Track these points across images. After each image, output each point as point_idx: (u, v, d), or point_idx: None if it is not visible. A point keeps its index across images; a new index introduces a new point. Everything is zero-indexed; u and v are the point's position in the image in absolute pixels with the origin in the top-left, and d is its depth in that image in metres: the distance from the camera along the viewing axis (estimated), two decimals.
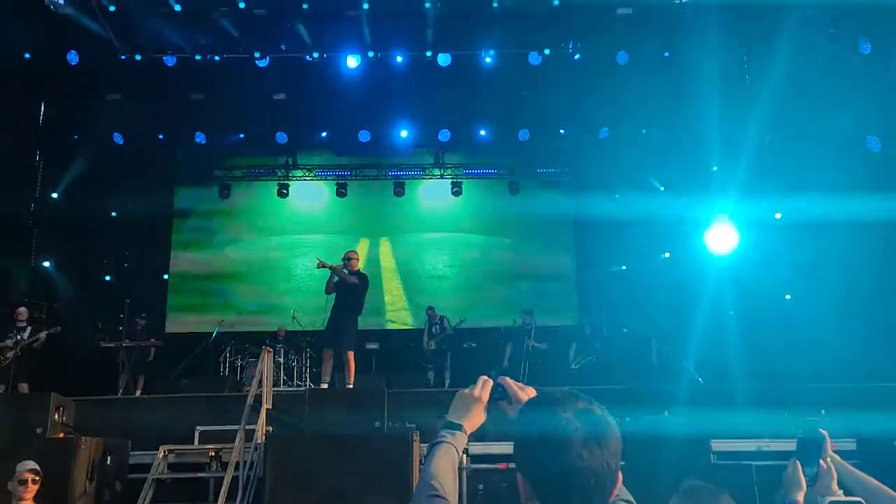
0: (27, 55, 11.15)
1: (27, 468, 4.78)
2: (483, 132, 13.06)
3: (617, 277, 12.96)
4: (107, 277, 13.05)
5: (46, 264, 12.08)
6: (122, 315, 10.48)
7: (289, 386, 10.93)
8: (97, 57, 11.40)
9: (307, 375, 11.25)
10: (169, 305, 13.55)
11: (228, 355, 11.51)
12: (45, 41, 11.08)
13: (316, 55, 11.67)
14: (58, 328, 9.04)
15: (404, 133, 13.02)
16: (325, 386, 7.94)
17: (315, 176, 14.35)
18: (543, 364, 10.71)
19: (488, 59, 11.73)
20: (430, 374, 11.34)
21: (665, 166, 12.19)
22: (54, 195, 12.34)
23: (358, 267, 8.30)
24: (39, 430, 5.79)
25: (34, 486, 4.78)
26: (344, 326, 8.12)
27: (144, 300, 11.82)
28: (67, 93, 11.85)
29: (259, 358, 7.22)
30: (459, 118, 12.78)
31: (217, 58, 11.58)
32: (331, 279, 8.19)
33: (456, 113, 12.65)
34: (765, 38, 10.21)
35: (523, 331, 11.00)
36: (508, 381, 1.68)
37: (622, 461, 1.31)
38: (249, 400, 6.79)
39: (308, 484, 5.81)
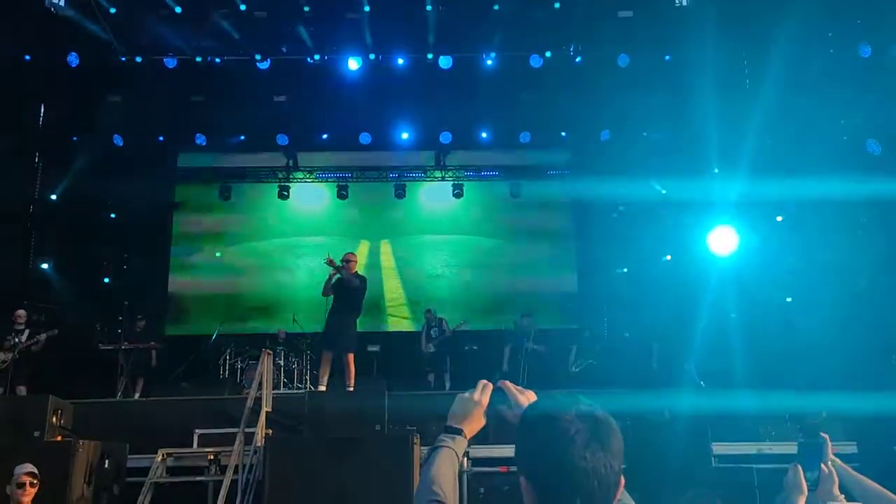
0: (27, 57, 11.17)
1: (25, 471, 4.75)
2: (484, 134, 13.06)
3: (618, 280, 12.94)
4: (106, 280, 13.01)
5: (45, 266, 12.06)
6: (122, 317, 10.45)
7: (289, 388, 10.90)
8: (97, 58, 11.42)
9: (307, 378, 11.22)
10: (168, 308, 13.53)
11: (228, 358, 11.48)
12: (46, 43, 11.10)
13: (317, 57, 11.69)
14: (55, 331, 9.00)
15: (405, 135, 13.01)
16: (323, 388, 7.92)
17: (316, 178, 14.34)
18: (543, 367, 10.68)
19: (489, 62, 11.74)
20: (431, 377, 11.32)
21: (666, 169, 12.17)
22: (53, 197, 12.33)
23: (356, 269, 8.29)
24: (37, 434, 5.75)
25: (32, 490, 4.76)
26: (344, 329, 8.10)
27: (144, 302, 11.80)
28: (67, 94, 11.85)
29: (259, 360, 7.20)
30: (460, 120, 12.77)
31: (218, 60, 11.60)
32: (328, 281, 8.17)
33: (457, 115, 12.63)
34: (765, 42, 10.20)
35: (522, 333, 10.98)
36: (508, 385, 1.66)
37: (623, 464, 1.31)
38: (249, 403, 6.78)
39: (308, 487, 5.79)
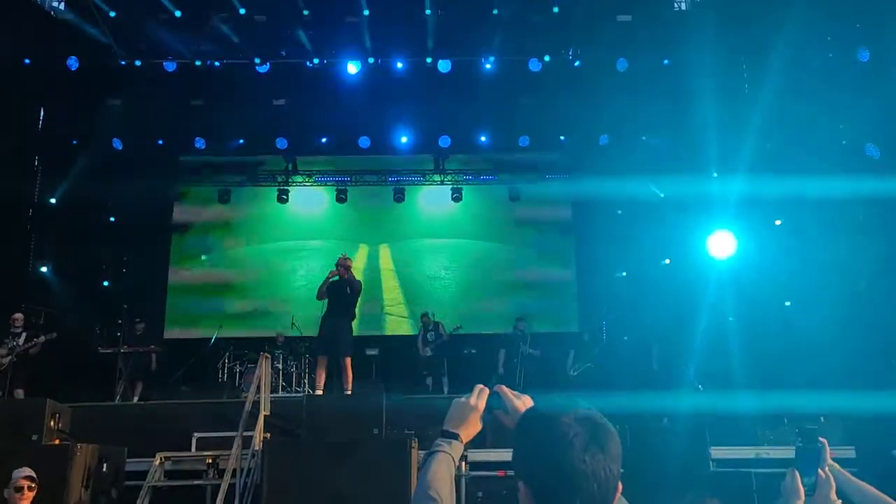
0: (27, 60, 11.18)
1: (23, 475, 4.75)
2: (483, 138, 13.06)
3: (617, 283, 12.94)
4: (105, 283, 13.00)
5: (45, 269, 12.06)
6: (121, 321, 10.44)
7: (287, 392, 10.89)
8: (97, 62, 11.44)
9: (306, 381, 11.21)
10: (167, 311, 13.50)
11: (227, 361, 11.47)
12: (46, 46, 11.11)
13: (316, 61, 11.71)
14: (54, 334, 8.99)
15: (404, 139, 13.02)
16: (321, 392, 7.92)
17: (315, 181, 14.34)
18: (541, 371, 10.68)
19: (488, 66, 11.76)
20: (429, 381, 11.31)
21: (665, 172, 12.19)
22: (53, 200, 12.32)
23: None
24: (35, 437, 5.75)
25: (30, 494, 4.75)
26: (341, 332, 8.10)
27: (143, 306, 11.80)
28: (67, 98, 11.85)
29: (257, 364, 7.20)
30: (460, 124, 12.77)
31: (217, 63, 11.62)
32: (324, 284, 8.16)
33: (456, 119, 12.64)
34: (763, 46, 10.23)
35: (518, 337, 10.97)
36: (505, 390, 1.66)
37: (622, 469, 1.31)
38: (247, 406, 6.77)
39: (306, 491, 5.78)
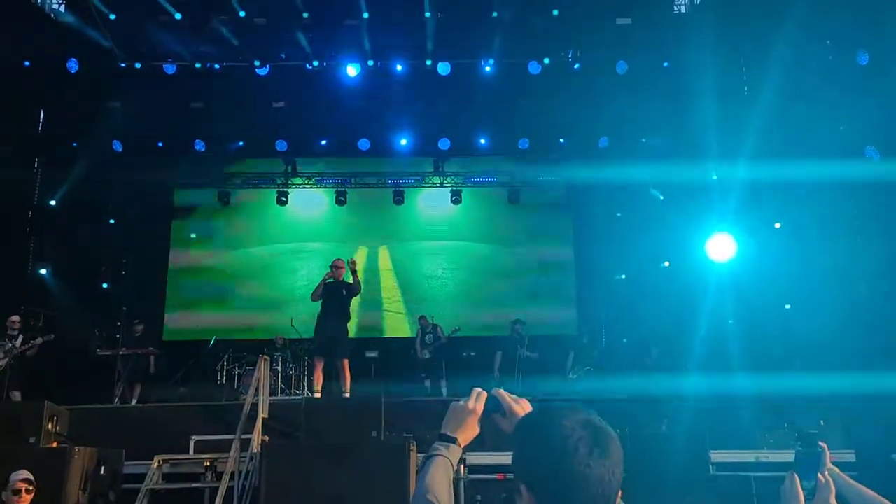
0: (27, 62, 11.18)
1: (20, 478, 4.73)
2: (483, 140, 13.06)
3: (616, 286, 12.93)
4: (104, 285, 13.00)
5: (44, 271, 12.05)
6: (119, 323, 10.42)
7: (286, 394, 10.87)
8: (97, 64, 11.45)
9: (305, 384, 11.20)
10: (166, 313, 13.51)
11: (226, 363, 11.45)
12: (46, 48, 11.12)
13: (316, 63, 11.72)
14: (51, 336, 8.97)
15: (404, 141, 13.02)
16: (319, 395, 7.91)
17: (314, 183, 14.34)
18: (540, 373, 10.65)
19: (488, 68, 11.76)
20: (427, 383, 11.29)
21: (664, 175, 12.19)
22: (52, 202, 12.33)
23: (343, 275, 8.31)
24: (33, 440, 5.74)
25: (28, 496, 4.74)
26: (338, 335, 8.11)
27: (142, 308, 11.78)
28: (67, 100, 11.87)
29: (256, 366, 7.19)
30: (459, 126, 12.78)
31: (217, 66, 11.63)
32: (319, 286, 8.15)
33: (455, 121, 12.65)
34: (763, 48, 10.24)
35: (515, 340, 10.95)
36: (503, 394, 1.65)
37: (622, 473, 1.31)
38: (246, 409, 6.76)
39: (304, 494, 5.76)
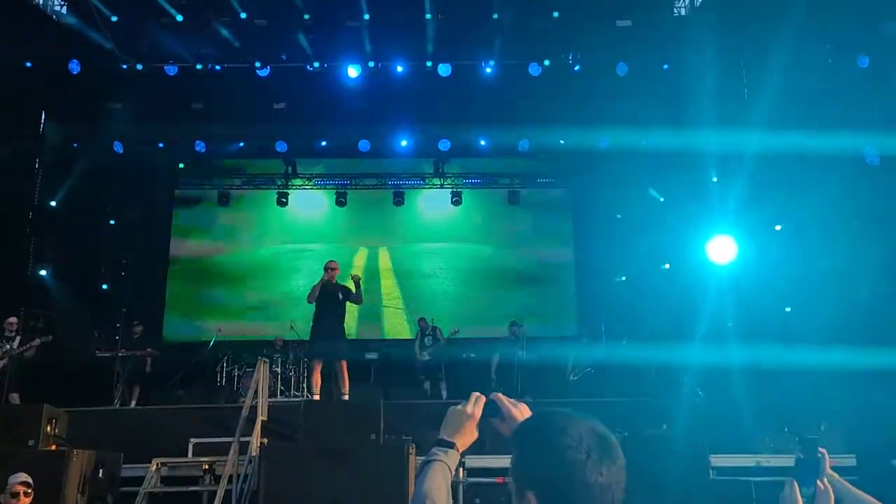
0: (29, 63, 11.19)
1: (19, 480, 4.73)
2: (483, 142, 13.06)
3: (617, 288, 12.91)
4: (104, 286, 13.00)
5: (44, 272, 12.04)
6: (119, 324, 10.42)
7: (286, 396, 10.86)
8: (98, 66, 11.44)
9: (304, 386, 11.19)
10: (166, 314, 13.50)
11: (225, 365, 11.44)
12: (47, 50, 11.12)
13: (316, 65, 11.72)
14: (49, 337, 8.96)
15: (404, 142, 13.03)
16: (317, 397, 7.91)
17: (314, 185, 14.35)
18: (540, 376, 10.61)
19: (488, 70, 11.76)
20: (426, 385, 11.27)
21: (664, 177, 12.18)
22: (53, 203, 12.33)
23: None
24: (31, 442, 5.73)
25: (26, 499, 4.73)
26: (335, 337, 8.13)
27: (141, 309, 11.78)
28: (68, 101, 11.86)
29: (255, 368, 7.18)
30: (459, 128, 12.78)
31: (218, 67, 11.63)
32: (316, 288, 8.16)
33: (456, 123, 12.64)
34: (763, 51, 10.23)
35: (513, 342, 10.91)
36: (501, 398, 1.64)
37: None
38: (244, 411, 6.75)
39: (302, 497, 5.75)
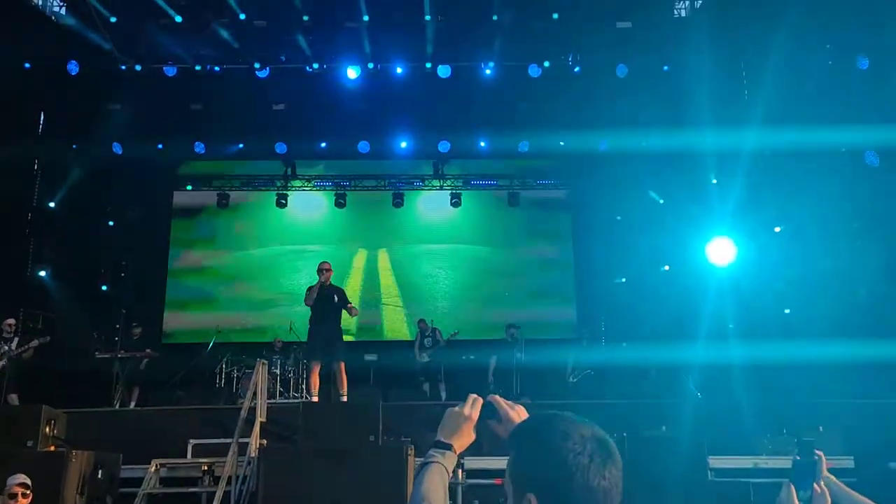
0: (27, 64, 11.19)
1: (17, 482, 4.72)
2: (482, 143, 13.06)
3: (616, 290, 12.90)
4: (103, 287, 12.99)
5: (43, 273, 12.04)
6: (118, 325, 10.41)
7: (285, 398, 10.85)
8: (98, 67, 11.45)
9: (303, 387, 11.18)
10: (165, 315, 13.50)
11: (224, 366, 11.43)
12: (46, 50, 11.13)
13: (316, 66, 11.72)
14: (47, 338, 8.96)
15: (404, 144, 13.02)
16: (316, 399, 7.92)
17: (314, 186, 14.35)
18: (538, 378, 10.59)
19: (488, 71, 11.76)
20: (426, 387, 11.26)
21: (664, 179, 12.18)
22: (52, 204, 12.33)
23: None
24: (30, 443, 5.72)
25: (24, 500, 4.72)
26: (332, 338, 8.15)
27: (141, 310, 11.77)
28: (67, 102, 11.87)
29: (254, 369, 7.18)
30: (459, 129, 12.77)
31: (217, 68, 11.64)
32: (312, 291, 8.17)
33: (455, 124, 12.64)
34: (763, 52, 10.24)
35: (511, 344, 10.91)
36: (499, 400, 1.63)
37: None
38: (243, 413, 6.75)
39: (302, 498, 5.75)
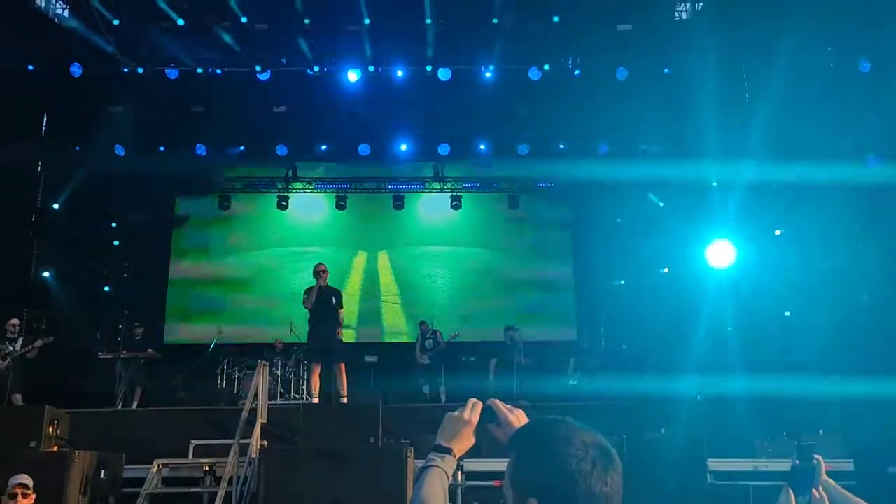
0: (30, 67, 11.23)
1: (16, 482, 4.74)
2: (483, 146, 13.05)
3: (616, 292, 12.92)
4: (106, 288, 13.03)
5: (46, 274, 12.08)
6: (121, 326, 10.45)
7: (286, 399, 10.88)
8: (100, 69, 11.47)
9: (304, 388, 11.20)
10: (167, 316, 13.53)
11: (226, 367, 11.46)
12: (49, 53, 11.17)
13: (317, 69, 11.74)
14: (51, 338, 9.00)
15: (404, 146, 13.02)
16: (317, 400, 7.96)
17: (315, 188, 14.39)
18: (538, 380, 10.61)
19: (488, 74, 11.78)
20: (426, 388, 11.28)
21: (664, 182, 12.20)
22: (55, 206, 12.37)
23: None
24: (33, 444, 5.75)
25: (24, 501, 4.73)
26: (332, 339, 8.23)
27: (143, 311, 11.80)
28: (70, 104, 11.91)
29: (255, 371, 7.21)
30: (459, 132, 12.78)
31: (219, 71, 11.66)
32: (311, 294, 8.23)
33: (456, 127, 12.66)
34: (764, 55, 10.26)
35: (510, 346, 10.93)
36: (498, 404, 1.65)
37: None
38: (244, 414, 6.77)
39: (302, 499, 5.77)
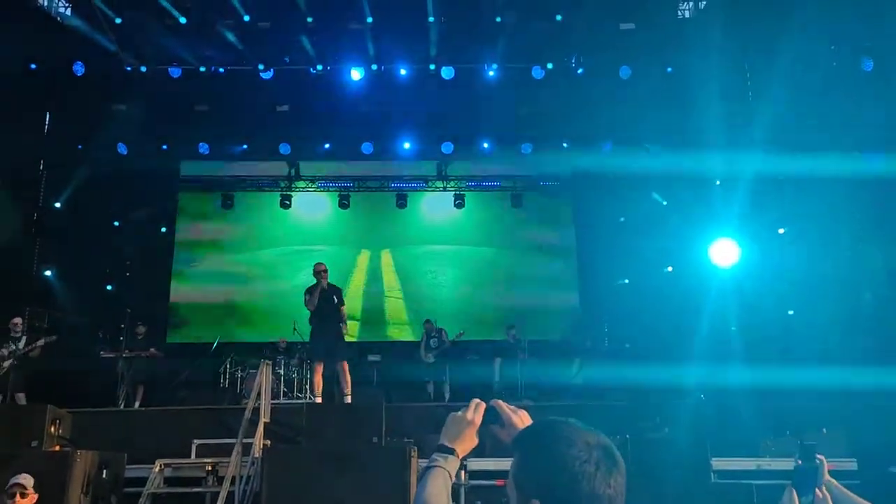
0: (33, 65, 11.25)
1: (15, 482, 4.73)
2: (486, 145, 13.07)
3: (619, 291, 12.90)
4: (108, 287, 13.05)
5: (49, 273, 12.09)
6: (123, 325, 10.45)
7: (289, 398, 10.87)
8: (103, 68, 11.49)
9: (307, 387, 11.20)
10: (170, 315, 13.54)
11: (229, 367, 11.46)
12: (52, 52, 11.18)
13: (320, 67, 11.74)
14: (54, 337, 9.03)
15: (407, 145, 13.03)
16: (320, 400, 7.96)
17: (318, 187, 14.38)
18: (542, 379, 10.60)
19: (491, 73, 11.78)
20: (430, 388, 11.27)
21: (668, 180, 12.18)
22: (57, 204, 12.38)
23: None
24: (35, 443, 5.74)
25: (23, 500, 4.72)
26: (334, 339, 8.23)
27: (145, 310, 11.80)
28: (73, 103, 11.92)
29: (258, 370, 7.20)
30: (462, 131, 12.80)
31: (222, 69, 11.67)
32: (314, 294, 8.23)
33: (459, 125, 12.67)
34: (767, 54, 10.23)
35: (513, 345, 10.90)
36: (501, 405, 1.64)
37: None
38: (247, 413, 6.77)
39: (305, 499, 5.76)
